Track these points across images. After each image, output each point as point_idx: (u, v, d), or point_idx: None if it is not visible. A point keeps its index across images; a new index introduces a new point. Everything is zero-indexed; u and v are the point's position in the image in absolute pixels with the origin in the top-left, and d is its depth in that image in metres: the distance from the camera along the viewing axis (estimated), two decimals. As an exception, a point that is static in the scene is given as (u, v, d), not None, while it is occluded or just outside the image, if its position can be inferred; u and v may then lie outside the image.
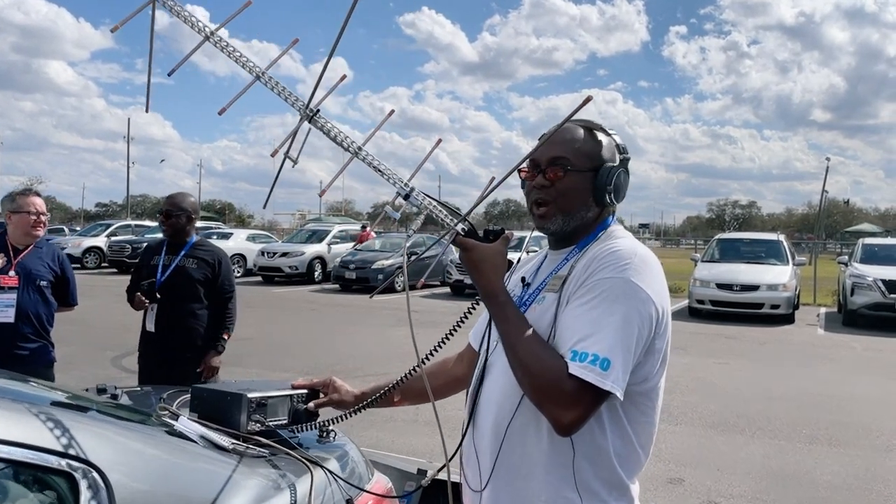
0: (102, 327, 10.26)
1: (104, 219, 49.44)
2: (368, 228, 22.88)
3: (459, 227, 1.48)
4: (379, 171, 1.54)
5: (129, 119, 62.82)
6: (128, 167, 57.60)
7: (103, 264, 23.47)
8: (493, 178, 1.52)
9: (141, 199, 77.96)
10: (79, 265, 23.22)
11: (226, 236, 22.88)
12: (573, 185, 1.51)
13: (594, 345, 1.33)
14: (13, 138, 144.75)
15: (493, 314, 1.46)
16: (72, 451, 1.29)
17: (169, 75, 1.65)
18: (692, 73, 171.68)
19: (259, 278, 20.42)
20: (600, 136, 1.55)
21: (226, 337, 4.08)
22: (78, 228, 31.18)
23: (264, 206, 2.04)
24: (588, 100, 1.39)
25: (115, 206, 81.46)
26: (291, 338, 10.68)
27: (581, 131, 1.54)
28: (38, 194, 3.81)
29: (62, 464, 1.28)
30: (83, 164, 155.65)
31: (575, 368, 1.32)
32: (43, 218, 3.74)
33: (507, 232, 1.51)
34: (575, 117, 1.46)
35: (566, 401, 1.31)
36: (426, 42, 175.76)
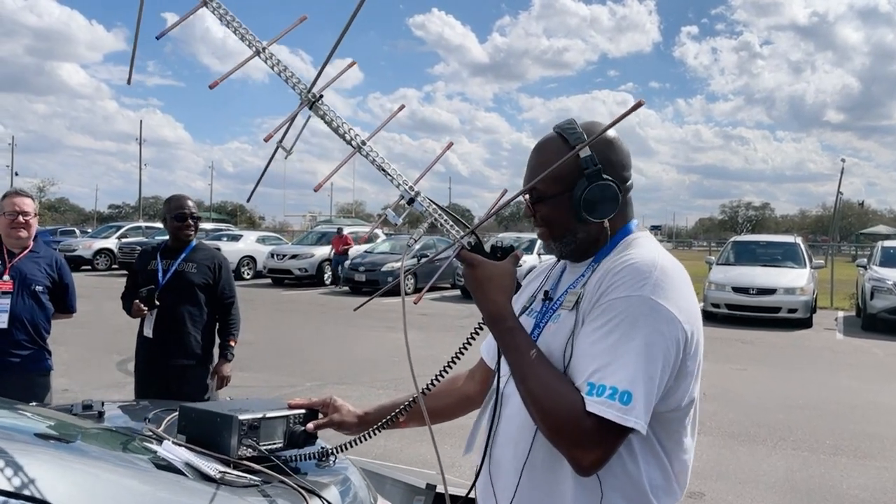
0: (110, 330, 10.15)
1: (117, 220, 49.72)
2: (346, 232, 20.85)
3: (465, 240, 1.32)
4: (383, 170, 1.39)
5: (140, 121, 63.41)
6: (140, 169, 57.99)
7: (114, 266, 23.48)
8: (504, 190, 1.40)
9: (153, 200, 78.31)
10: (90, 267, 23.28)
11: (236, 238, 22.84)
12: (550, 213, 1.37)
13: (612, 376, 1.17)
14: (27, 140, 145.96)
15: (499, 341, 1.30)
16: (25, 492, 1.14)
17: (157, 38, 1.50)
18: (704, 74, 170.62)
19: (269, 280, 20.34)
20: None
21: (233, 344, 3.97)
22: (89, 230, 31.24)
23: (248, 200, 1.90)
24: (639, 104, 1.22)
25: (128, 208, 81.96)
26: (300, 342, 10.55)
27: (555, 149, 1.36)
28: (20, 194, 3.62)
29: (14, 506, 1.12)
30: (96, 165, 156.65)
31: (593, 405, 1.16)
32: (23, 219, 3.54)
33: (517, 250, 1.36)
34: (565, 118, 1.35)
35: (585, 441, 1.16)
36: (436, 43, 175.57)
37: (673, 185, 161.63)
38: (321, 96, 1.37)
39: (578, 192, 1.32)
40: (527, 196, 1.40)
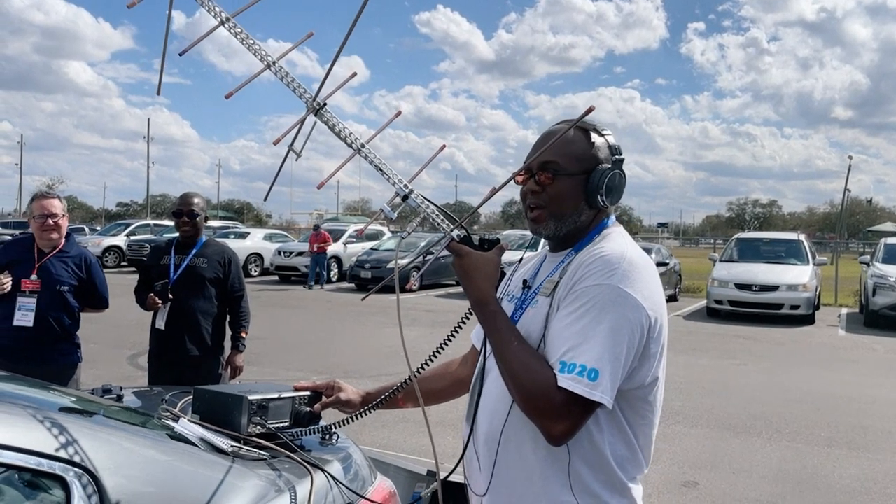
0: (120, 326, 10.33)
1: (125, 218, 50.04)
2: (322, 228, 19.76)
3: (455, 233, 1.47)
4: (380, 169, 1.54)
5: (148, 119, 63.93)
6: (147, 167, 58.41)
7: (122, 263, 23.74)
8: (493, 187, 1.53)
9: (161, 198, 78.81)
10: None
11: (243, 236, 23.03)
12: (563, 189, 1.48)
13: (581, 355, 1.31)
14: (35, 138, 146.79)
15: (482, 323, 1.45)
16: (64, 455, 1.29)
17: (180, 55, 1.65)
18: (711, 71, 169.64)
19: (276, 277, 20.54)
20: (594, 136, 1.51)
21: (244, 335, 4.12)
22: (98, 228, 31.52)
23: (265, 199, 2.05)
24: (590, 110, 1.39)
25: (136, 206, 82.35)
26: (307, 337, 10.71)
27: (574, 134, 1.50)
28: (47, 196, 3.73)
29: (54, 467, 1.27)
30: (103, 163, 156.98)
31: (563, 380, 1.31)
32: (51, 221, 3.66)
33: (502, 242, 1.50)
34: (573, 116, 1.45)
35: (555, 413, 1.30)
36: (442, 40, 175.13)
37: (680, 182, 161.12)
38: (325, 104, 1.52)
39: (598, 175, 1.47)
40: (526, 173, 1.50)
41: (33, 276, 3.63)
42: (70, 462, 1.29)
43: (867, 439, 5.93)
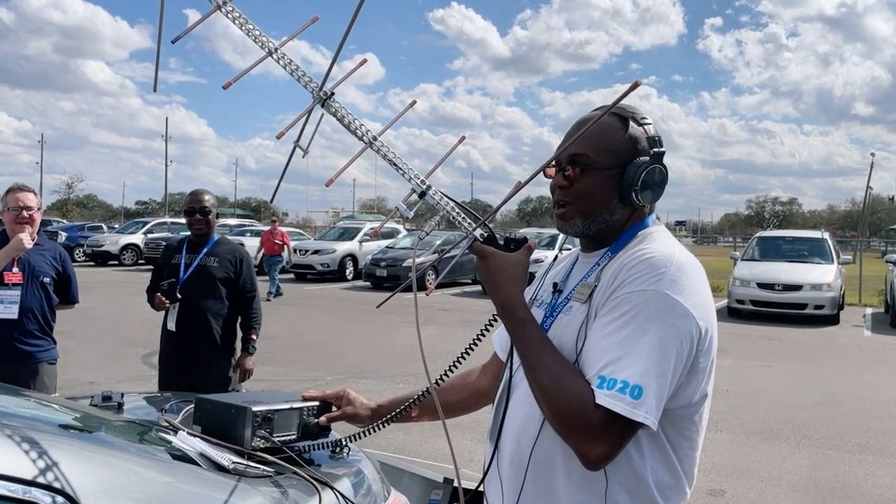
0: (135, 324, 10.31)
1: (143, 216, 50.40)
2: (277, 223, 17.75)
3: (478, 232, 1.32)
4: (394, 164, 1.40)
5: (166, 118, 64.39)
6: (166, 165, 58.81)
7: (140, 261, 23.85)
8: (518, 182, 1.38)
9: (179, 196, 79.20)
10: (116, 262, 23.67)
11: (259, 234, 23.02)
12: (593, 185, 1.32)
13: (624, 370, 1.16)
14: (54, 137, 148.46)
15: (510, 332, 1.29)
16: (40, 480, 1.16)
17: (173, 42, 1.52)
18: (728, 67, 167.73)
19: (291, 276, 20.49)
20: (631, 126, 1.35)
21: (254, 337, 4.00)
22: (116, 226, 31.75)
23: (271, 200, 1.92)
24: (636, 85, 1.21)
25: (154, 204, 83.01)
26: (322, 336, 10.62)
27: (609, 122, 1.34)
28: (23, 189, 3.68)
29: (29, 493, 1.14)
30: (122, 162, 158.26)
31: (602, 398, 1.15)
32: (27, 214, 3.60)
33: (530, 241, 1.34)
34: (608, 102, 1.29)
35: (593, 433, 1.15)
36: (457, 38, 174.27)
37: (697, 180, 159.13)
38: (332, 94, 1.38)
39: (634, 170, 1.31)
40: (556, 165, 1.35)
41: (14, 269, 3.57)
42: (46, 487, 1.16)
43: (900, 445, 5.71)
